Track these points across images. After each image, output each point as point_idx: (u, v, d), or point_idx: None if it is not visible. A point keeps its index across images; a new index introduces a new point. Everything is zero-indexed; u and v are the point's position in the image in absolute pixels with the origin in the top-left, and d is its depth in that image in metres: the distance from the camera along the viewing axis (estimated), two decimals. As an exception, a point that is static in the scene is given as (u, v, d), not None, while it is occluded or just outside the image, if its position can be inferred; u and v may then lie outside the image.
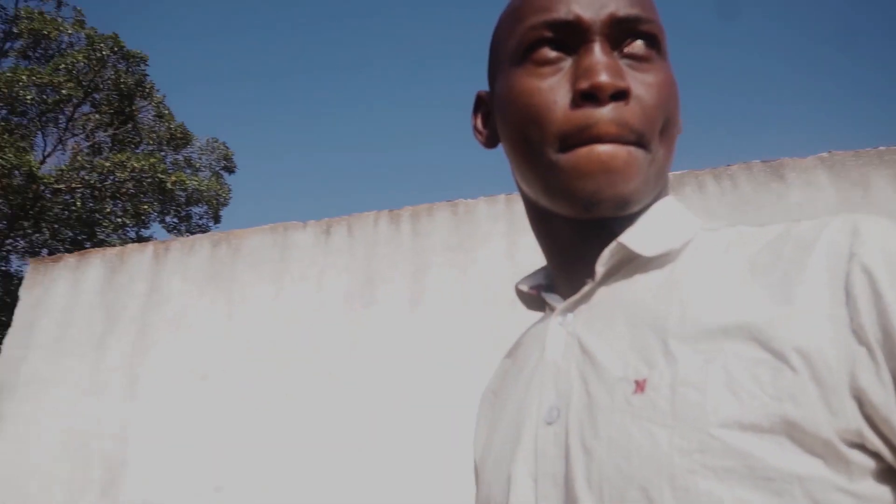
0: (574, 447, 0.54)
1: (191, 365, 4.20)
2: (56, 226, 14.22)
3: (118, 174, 13.35)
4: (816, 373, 0.47)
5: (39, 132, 15.25)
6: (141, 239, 15.92)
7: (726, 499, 0.47)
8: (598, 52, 0.60)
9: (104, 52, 14.34)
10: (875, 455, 0.47)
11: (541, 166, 0.62)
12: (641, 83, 0.61)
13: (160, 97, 16.04)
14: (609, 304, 0.62)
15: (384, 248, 3.95)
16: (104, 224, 14.34)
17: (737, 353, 0.50)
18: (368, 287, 3.88)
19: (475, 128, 0.76)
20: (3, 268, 14.89)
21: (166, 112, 16.12)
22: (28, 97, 13.70)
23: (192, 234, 17.20)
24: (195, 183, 15.54)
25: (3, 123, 13.40)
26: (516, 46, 0.64)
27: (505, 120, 0.66)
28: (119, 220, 14.30)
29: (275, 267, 4.27)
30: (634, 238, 0.61)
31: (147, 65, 15.03)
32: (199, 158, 17.77)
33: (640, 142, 0.60)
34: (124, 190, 13.73)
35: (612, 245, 0.61)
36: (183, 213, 16.61)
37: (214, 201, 16.58)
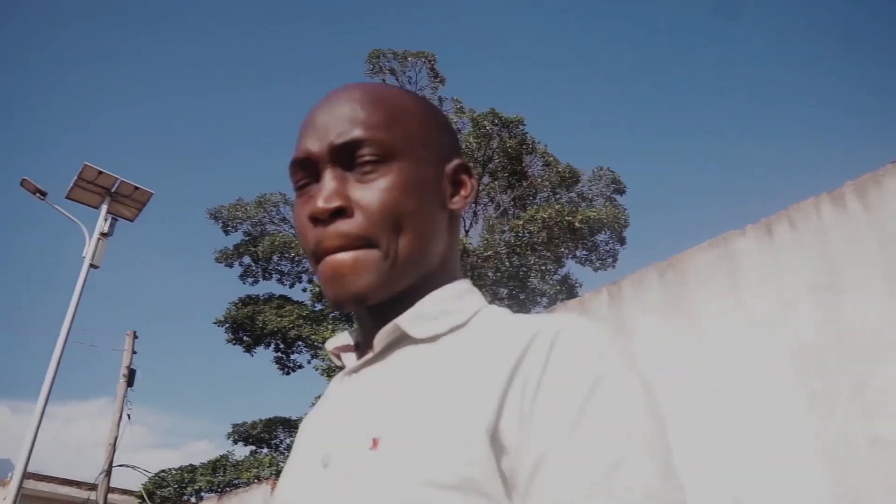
0: (335, 488, 0.66)
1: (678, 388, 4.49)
2: (493, 287, 16.15)
3: (531, 228, 14.76)
4: (496, 449, 0.60)
5: (457, 212, 17.59)
6: (565, 279, 17.24)
7: None
8: (325, 179, 0.74)
9: (487, 128, 16.10)
10: None
11: (315, 273, 0.78)
12: (368, 192, 0.73)
13: (543, 147, 17.40)
14: (380, 372, 0.74)
15: (838, 235, 3.83)
16: (531, 274, 15.89)
17: (445, 429, 0.62)
18: (834, 277, 3.79)
19: None
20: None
21: (552, 159, 17.40)
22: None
23: (602, 260, 18.06)
24: (594, 213, 16.40)
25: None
26: (293, 181, 0.80)
27: (297, 231, 0.81)
28: (543, 267, 15.73)
29: (726, 280, 4.41)
30: (407, 321, 0.73)
31: (525, 125, 16.48)
32: (590, 189, 18.73)
33: (368, 244, 0.72)
34: (538, 240, 15.08)
35: (389, 326, 0.73)
36: (589, 244, 17.58)
37: (616, 225, 17.26)
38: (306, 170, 0.77)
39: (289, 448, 18.62)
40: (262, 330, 19.18)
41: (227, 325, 19.73)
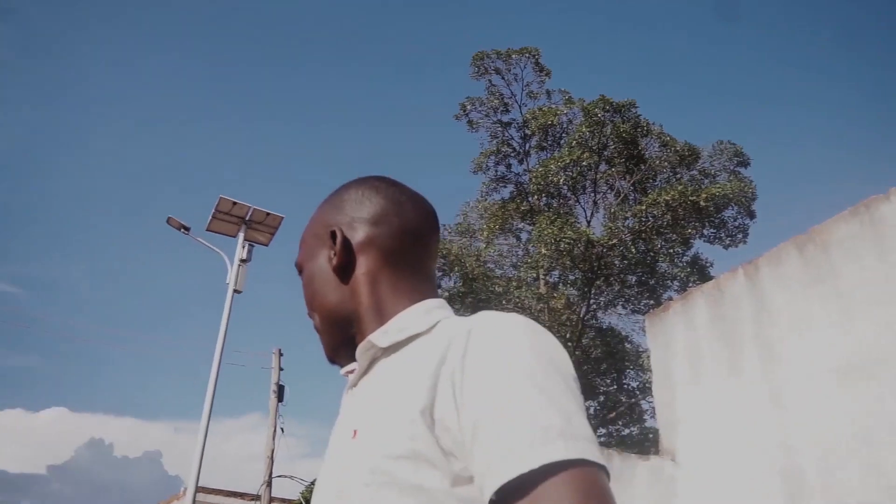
0: (332, 470, 0.89)
1: (827, 366, 4.37)
2: (621, 275, 15.95)
3: (654, 211, 14.47)
4: (433, 425, 0.78)
5: (577, 204, 17.48)
6: (694, 261, 16.76)
7: (383, 499, 0.78)
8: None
9: (599, 115, 15.92)
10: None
11: None
12: (306, 290, 1.07)
13: (658, 128, 17.01)
14: (365, 383, 0.94)
15: None
16: (659, 259, 15.57)
17: (401, 408, 0.80)
18: None
19: None
20: (597, 324, 17.20)
21: (668, 139, 16.97)
22: (559, 180, 15.89)
23: (732, 237, 17.42)
24: (718, 189, 15.86)
25: (551, 210, 15.73)
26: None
27: None
28: (670, 251, 15.38)
29: (872, 250, 4.24)
30: (375, 336, 0.93)
31: (636, 107, 16.18)
32: (712, 165, 18.13)
33: (316, 328, 1.07)
34: (663, 223, 14.76)
35: (364, 342, 0.93)
36: (717, 221, 17.01)
37: (743, 199, 16.62)
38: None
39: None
40: (398, 338, 19.81)
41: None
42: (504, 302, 15.87)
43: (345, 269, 1.01)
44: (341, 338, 1.02)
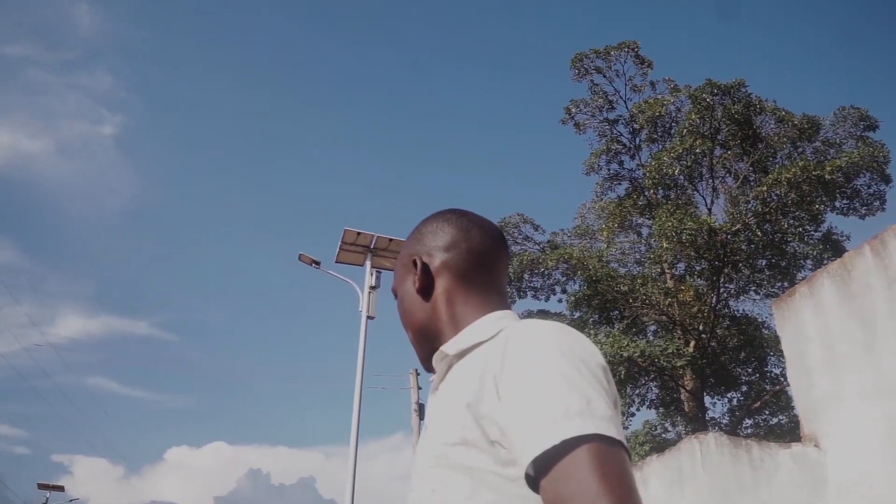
0: (416, 459, 1.07)
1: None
2: (749, 260, 15.49)
3: (777, 191, 14.01)
4: (479, 418, 0.94)
5: (695, 193, 17.13)
6: (827, 237, 16.05)
7: (442, 478, 0.96)
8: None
9: (707, 99, 15.58)
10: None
11: None
12: (400, 309, 1.27)
13: (772, 105, 16.43)
14: (444, 385, 1.11)
15: None
16: (788, 239, 15.02)
17: (455, 405, 0.98)
18: None
19: None
20: (731, 313, 16.76)
21: (784, 113, 16.36)
22: (674, 171, 15.66)
23: (867, 206, 16.53)
24: (845, 158, 15.13)
25: (669, 202, 15.51)
26: None
27: None
28: (799, 229, 14.81)
29: None
30: (445, 346, 1.12)
31: (746, 87, 15.71)
32: (835, 134, 17.29)
33: (412, 341, 1.26)
34: (788, 201, 14.25)
35: (438, 352, 1.13)
36: (849, 192, 16.20)
37: (874, 165, 15.76)
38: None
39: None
40: (528, 346, 19.92)
41: (495, 348, 20.75)
42: (630, 300, 15.74)
43: (426, 291, 1.20)
44: (430, 349, 1.19)
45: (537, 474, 0.83)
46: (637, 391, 17.86)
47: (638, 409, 18.43)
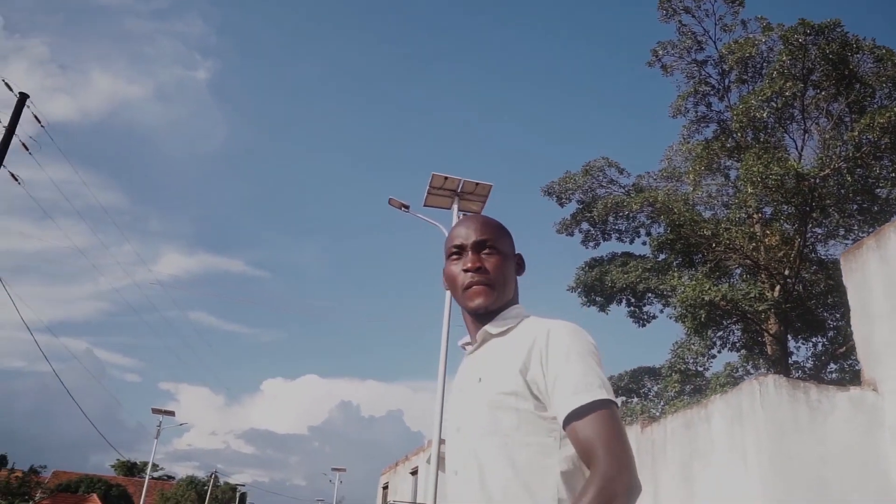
0: (464, 401, 1.64)
1: None
2: (839, 205, 15.26)
3: (870, 135, 13.70)
4: (526, 378, 1.53)
5: (785, 135, 16.84)
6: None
7: (496, 419, 1.51)
8: (469, 254, 1.69)
9: (800, 40, 15.19)
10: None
11: (459, 298, 1.71)
12: (488, 262, 1.67)
13: (870, 43, 15.85)
14: (479, 353, 1.67)
15: None
16: (880, 184, 14.71)
17: (509, 367, 1.55)
18: None
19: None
20: (818, 258, 16.62)
21: (884, 52, 15.76)
22: (763, 114, 15.46)
23: None
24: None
25: (758, 144, 15.36)
26: (446, 252, 1.75)
27: (446, 279, 1.77)
28: (892, 174, 14.46)
29: None
30: (489, 326, 1.66)
31: (842, 26, 15.19)
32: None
33: (491, 283, 1.66)
34: (882, 146, 13.93)
35: (481, 331, 1.67)
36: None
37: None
38: (458, 250, 1.73)
39: (657, 395, 19.47)
40: (612, 288, 20.23)
41: (579, 289, 21.15)
42: (713, 245, 15.81)
43: (515, 276, 1.79)
44: (499, 305, 1.70)
45: (568, 420, 1.43)
46: (718, 334, 18.05)
47: (719, 352, 18.62)
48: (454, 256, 1.73)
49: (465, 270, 1.68)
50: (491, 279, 1.67)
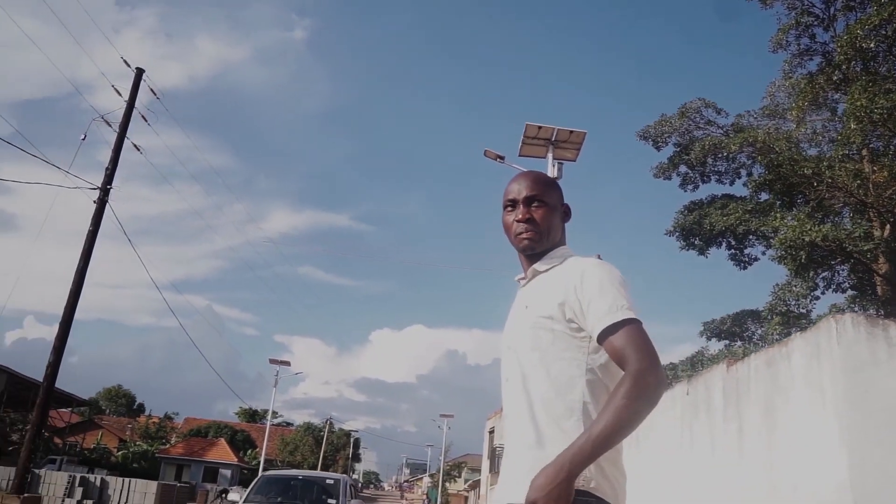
0: (514, 325, 2.05)
1: None
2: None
3: None
4: (563, 306, 1.89)
5: (896, 65, 15.94)
6: None
7: (536, 337, 1.91)
8: (521, 207, 2.05)
9: (912, -38, 14.27)
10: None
11: (512, 242, 2.09)
12: (535, 213, 2.03)
13: None
14: (530, 286, 2.05)
15: None
16: None
17: (549, 294, 1.93)
18: None
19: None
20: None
21: None
22: (871, 44, 14.72)
23: None
24: None
25: (867, 76, 14.67)
26: (503, 205, 2.12)
27: (503, 227, 2.13)
28: None
29: None
30: (538, 265, 2.03)
31: (959, -57, 14.15)
32: None
33: (538, 231, 2.03)
34: None
35: (530, 270, 2.05)
36: None
37: None
38: (512, 204, 2.07)
39: (761, 338, 19.20)
40: (711, 231, 19.93)
41: (677, 233, 20.94)
42: (815, 184, 15.32)
43: (561, 223, 2.13)
44: (544, 248, 2.07)
45: (604, 335, 1.77)
46: (822, 275, 17.53)
47: (822, 293, 18.11)
48: (508, 208, 2.09)
49: (518, 221, 2.05)
50: (538, 228, 2.03)
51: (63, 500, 21.96)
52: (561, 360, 1.87)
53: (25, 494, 15.70)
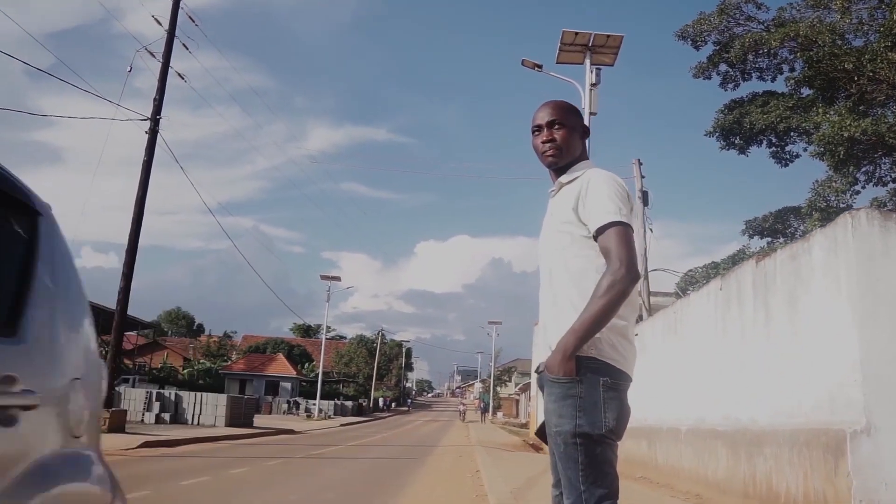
0: (543, 233, 2.68)
1: None
2: None
3: None
4: (576, 210, 2.51)
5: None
6: None
7: (559, 240, 2.51)
8: (544, 130, 2.61)
9: None
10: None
11: (540, 159, 2.65)
12: (557, 134, 2.58)
13: None
14: (558, 195, 2.60)
15: None
16: None
17: (567, 202, 2.49)
18: None
19: None
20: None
21: None
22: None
23: None
24: None
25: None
26: (531, 130, 2.67)
27: (533, 148, 2.69)
28: None
29: None
30: (562, 178, 2.59)
31: None
32: None
33: (559, 148, 2.58)
34: None
35: (557, 181, 2.61)
36: None
37: None
38: (538, 129, 2.62)
39: (803, 233, 19.36)
40: (751, 130, 19.88)
41: (717, 133, 20.91)
42: (856, 78, 15.15)
43: (581, 141, 2.64)
44: (566, 163, 2.57)
45: (597, 234, 2.33)
46: (863, 169, 17.49)
47: (863, 188, 18.10)
48: (535, 132, 2.63)
49: (543, 142, 2.59)
50: (558, 146, 2.57)
51: (143, 414, 23.75)
52: (577, 258, 2.43)
53: (113, 409, 17.16)
